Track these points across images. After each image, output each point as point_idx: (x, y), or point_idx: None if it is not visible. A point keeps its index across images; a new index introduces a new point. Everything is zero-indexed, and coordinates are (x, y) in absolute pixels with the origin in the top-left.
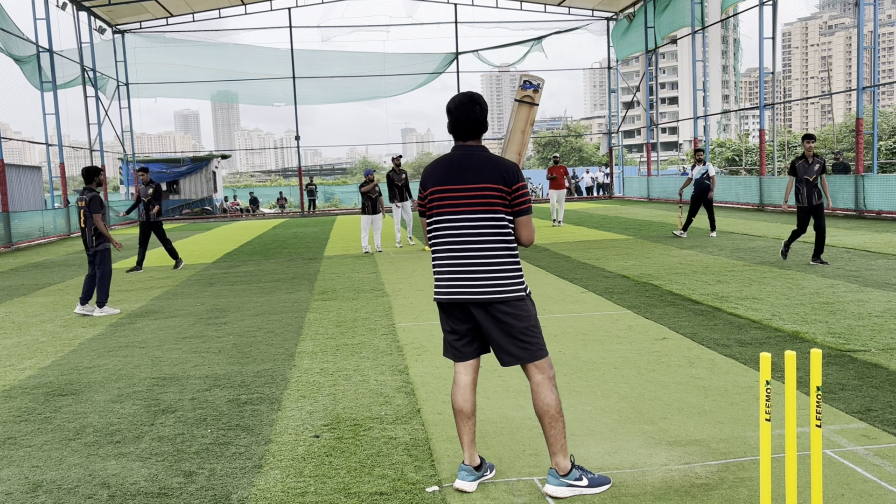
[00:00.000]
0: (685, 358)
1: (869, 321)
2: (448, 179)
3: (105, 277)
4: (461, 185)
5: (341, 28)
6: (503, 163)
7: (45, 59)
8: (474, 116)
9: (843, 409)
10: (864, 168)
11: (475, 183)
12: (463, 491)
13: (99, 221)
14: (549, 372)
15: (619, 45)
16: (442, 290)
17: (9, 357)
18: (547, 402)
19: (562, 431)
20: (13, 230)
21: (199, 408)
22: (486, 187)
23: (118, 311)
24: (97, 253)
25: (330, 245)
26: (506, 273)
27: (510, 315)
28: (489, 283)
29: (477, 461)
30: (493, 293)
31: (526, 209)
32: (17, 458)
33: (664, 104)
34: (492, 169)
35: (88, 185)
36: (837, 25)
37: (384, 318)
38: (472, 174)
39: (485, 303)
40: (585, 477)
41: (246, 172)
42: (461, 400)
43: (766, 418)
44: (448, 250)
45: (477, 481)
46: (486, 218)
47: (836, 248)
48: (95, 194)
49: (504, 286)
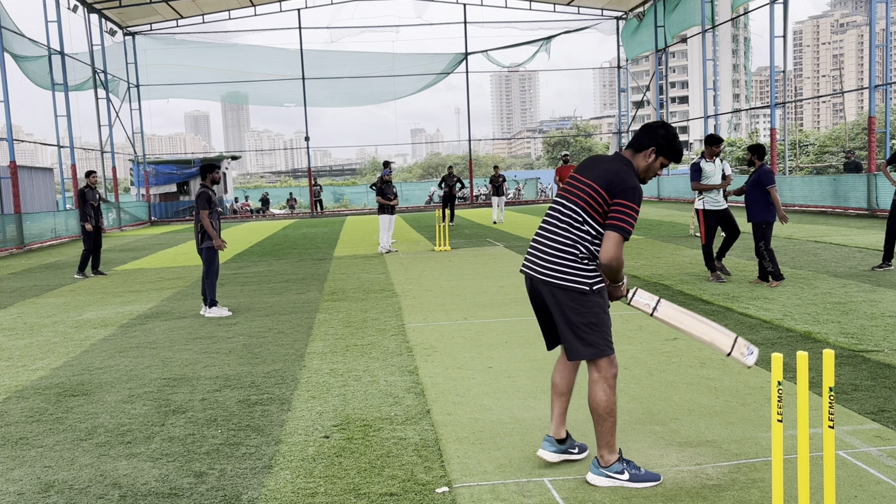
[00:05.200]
0: (696, 358)
1: (882, 321)
2: (579, 170)
3: (210, 277)
4: (582, 178)
5: (351, 29)
6: (619, 173)
7: (56, 61)
8: (642, 135)
9: (855, 410)
10: (876, 167)
11: (586, 178)
12: (541, 458)
13: (204, 218)
14: (606, 372)
15: (629, 45)
16: (524, 261)
17: (21, 358)
18: (596, 401)
19: (609, 430)
20: (25, 231)
21: (210, 408)
22: (590, 185)
23: (229, 312)
24: (202, 251)
25: (340, 245)
26: (571, 263)
27: (568, 306)
28: (552, 266)
29: (562, 435)
30: (551, 275)
31: (617, 226)
32: (30, 459)
33: (674, 103)
34: (605, 173)
35: (203, 181)
36: (849, 23)
37: (394, 318)
38: (592, 171)
39: (543, 282)
40: (628, 471)
41: (256, 173)
42: (555, 375)
43: (777, 419)
44: (539, 228)
45: (559, 454)
46: (576, 213)
47: (848, 248)
48: (203, 191)
49: (565, 273)
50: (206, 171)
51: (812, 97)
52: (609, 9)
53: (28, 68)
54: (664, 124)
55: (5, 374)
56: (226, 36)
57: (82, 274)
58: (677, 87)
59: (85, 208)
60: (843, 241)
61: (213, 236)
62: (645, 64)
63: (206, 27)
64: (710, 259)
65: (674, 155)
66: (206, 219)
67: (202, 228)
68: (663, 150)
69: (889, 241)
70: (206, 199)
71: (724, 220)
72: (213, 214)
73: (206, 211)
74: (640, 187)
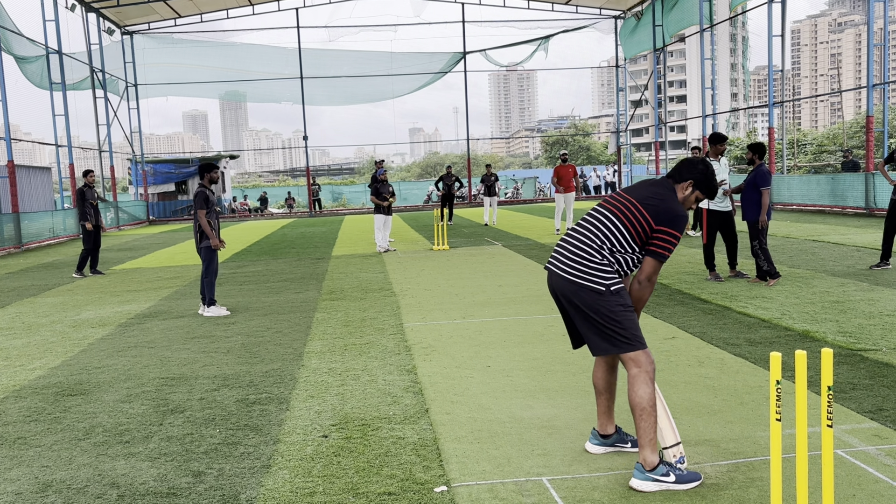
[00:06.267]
0: (694, 357)
1: (880, 320)
2: (628, 190)
3: (209, 276)
4: (628, 196)
5: (349, 28)
6: (668, 200)
7: (54, 60)
8: (682, 168)
9: (854, 409)
10: (873, 166)
11: (636, 199)
12: (588, 451)
13: (202, 218)
14: (647, 366)
15: (627, 44)
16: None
17: (19, 357)
18: (639, 395)
19: (652, 426)
20: (23, 231)
21: (208, 408)
22: (638, 207)
23: (227, 312)
24: (200, 251)
25: (338, 245)
26: (590, 264)
27: (587, 304)
28: (572, 264)
29: (608, 430)
30: (570, 272)
31: (658, 253)
32: (27, 458)
33: (672, 102)
34: (653, 198)
35: (201, 181)
36: (847, 22)
37: (392, 317)
38: (640, 192)
39: (563, 280)
40: (673, 473)
41: (254, 172)
42: (594, 376)
43: (776, 418)
44: (570, 230)
45: (604, 448)
46: (617, 225)
47: (846, 247)
48: (201, 190)
49: (584, 272)
50: (204, 170)
51: (810, 96)
52: (607, 8)
53: (26, 67)
54: (704, 161)
55: (3, 374)
56: (224, 35)
57: (80, 273)
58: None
59: (84, 207)
60: (841, 240)
61: (210, 236)
62: (643, 63)
63: (204, 26)
64: (711, 259)
65: (709, 192)
66: (204, 218)
67: (200, 228)
68: (700, 185)
69: (887, 240)
70: (204, 199)
71: (725, 223)
72: (212, 214)
73: (204, 211)
74: (685, 215)
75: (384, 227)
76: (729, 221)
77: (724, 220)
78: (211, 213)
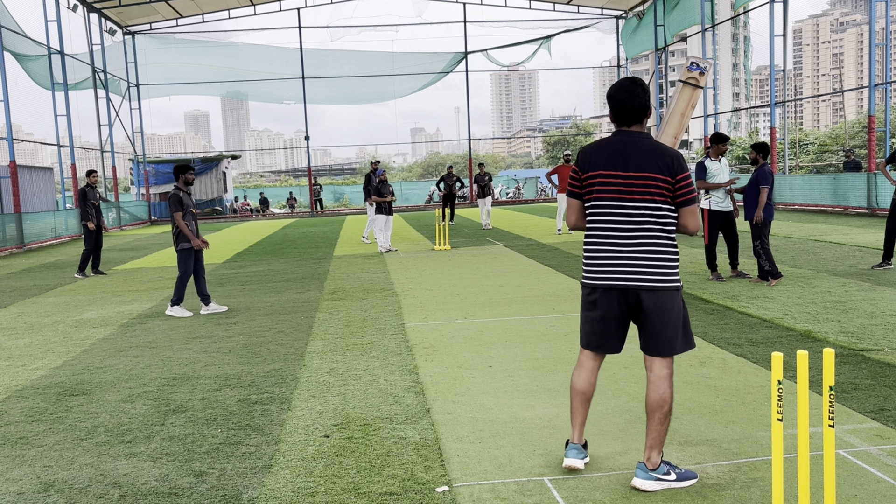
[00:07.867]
0: (696, 357)
1: (882, 320)
2: (610, 165)
3: (181, 278)
4: (624, 173)
5: (350, 28)
6: (667, 152)
7: (56, 60)
8: (638, 100)
9: (855, 409)
10: (875, 166)
11: (638, 171)
12: (574, 468)
13: (179, 221)
14: (672, 368)
15: (629, 44)
16: (600, 275)
17: (21, 357)
18: (664, 398)
19: (667, 429)
20: (25, 231)
21: (210, 408)
22: (649, 177)
23: (190, 314)
24: (178, 252)
25: (339, 245)
26: (665, 262)
27: (665, 306)
28: (651, 271)
29: (584, 439)
30: (654, 281)
31: (691, 199)
32: (30, 458)
33: None
34: (656, 158)
35: (175, 182)
36: (849, 22)
37: (394, 317)
38: (636, 161)
39: (645, 290)
40: (673, 472)
41: (256, 173)
42: (585, 382)
43: (778, 418)
44: (608, 236)
45: (584, 460)
46: (647, 207)
47: (848, 247)
48: (174, 192)
49: (663, 275)
50: (178, 171)
51: (812, 96)
52: (609, 8)
53: (28, 67)
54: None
55: (5, 374)
56: (225, 35)
57: (82, 273)
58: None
59: (86, 207)
60: (843, 239)
61: (190, 238)
62: (645, 63)
63: (205, 26)
64: (712, 259)
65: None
66: (181, 220)
67: (178, 230)
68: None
69: (888, 240)
70: (177, 201)
71: (726, 223)
72: (188, 216)
73: (180, 213)
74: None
75: (385, 227)
76: (730, 221)
77: (725, 220)
78: (188, 215)
